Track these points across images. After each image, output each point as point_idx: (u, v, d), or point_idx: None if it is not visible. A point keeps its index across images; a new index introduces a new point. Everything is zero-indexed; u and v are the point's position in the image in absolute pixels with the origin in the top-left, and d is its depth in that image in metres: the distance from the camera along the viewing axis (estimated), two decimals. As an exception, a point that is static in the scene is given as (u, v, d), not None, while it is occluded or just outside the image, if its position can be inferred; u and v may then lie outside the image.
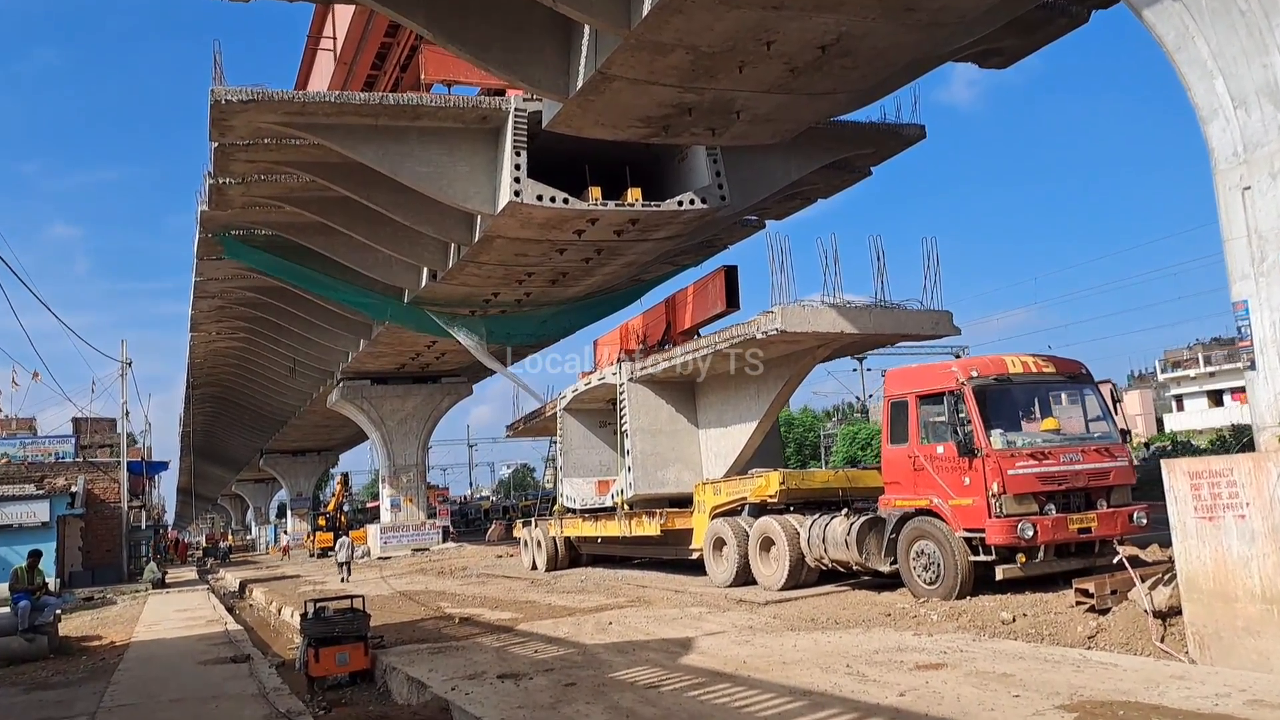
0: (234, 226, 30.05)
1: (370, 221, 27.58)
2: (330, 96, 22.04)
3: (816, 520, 15.16)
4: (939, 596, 12.68)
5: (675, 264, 35.90)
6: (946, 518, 12.81)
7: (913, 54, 18.08)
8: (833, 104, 19.94)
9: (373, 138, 22.83)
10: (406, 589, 24.15)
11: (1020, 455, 12.45)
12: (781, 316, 15.51)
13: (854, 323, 15.84)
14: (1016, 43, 22.30)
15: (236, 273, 34.40)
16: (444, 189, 23.43)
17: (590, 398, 23.20)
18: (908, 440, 13.60)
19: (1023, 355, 13.38)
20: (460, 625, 15.50)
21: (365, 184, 25.21)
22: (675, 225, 25.09)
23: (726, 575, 16.88)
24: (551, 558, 24.30)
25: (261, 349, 45.44)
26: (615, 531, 20.78)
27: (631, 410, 20.28)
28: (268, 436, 72.64)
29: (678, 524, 18.67)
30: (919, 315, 16.55)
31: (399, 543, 45.01)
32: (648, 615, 14.27)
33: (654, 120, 19.35)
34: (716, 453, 19.91)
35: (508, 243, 25.52)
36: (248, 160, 24.63)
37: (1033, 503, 12.31)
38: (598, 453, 23.76)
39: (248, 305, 38.91)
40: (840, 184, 29.98)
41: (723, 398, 19.81)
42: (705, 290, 21.46)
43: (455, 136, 23.52)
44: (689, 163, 24.94)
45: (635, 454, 20.08)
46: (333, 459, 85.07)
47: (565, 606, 16.43)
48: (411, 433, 47.31)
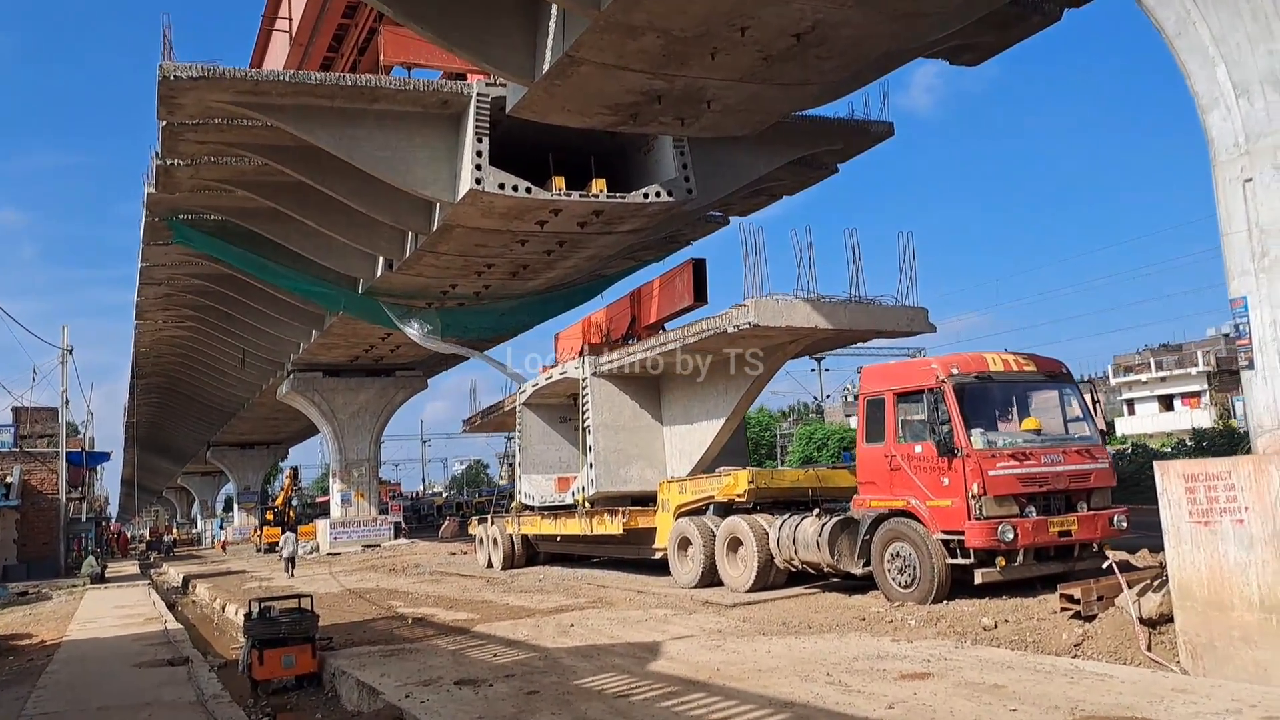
0: (182, 210, 29.00)
1: (325, 208, 26.72)
2: (285, 75, 21.19)
3: (786, 520, 14.69)
4: (914, 600, 12.25)
5: (637, 259, 35.34)
6: (924, 519, 12.39)
7: (887, 45, 17.69)
8: (804, 96, 19.51)
9: (328, 120, 22.02)
10: (357, 587, 23.38)
11: (1001, 456, 12.05)
12: (755, 309, 14.99)
13: (828, 318, 15.39)
14: (989, 39, 22.01)
15: (184, 259, 33.29)
16: (402, 175, 22.67)
17: (551, 393, 22.58)
18: (884, 439, 13.17)
19: (1003, 353, 13.00)
20: (414, 626, 14.85)
21: (320, 169, 24.36)
22: (640, 218, 24.53)
23: (692, 576, 16.38)
24: (508, 556, 23.64)
25: (210, 338, 44.19)
26: (575, 530, 20.18)
27: (594, 405, 19.68)
28: (215, 429, 71.04)
29: (641, 523, 18.13)
30: (894, 311, 16.14)
31: (349, 539, 44.02)
32: (611, 617, 13.72)
33: (622, 108, 18.79)
34: (681, 450, 19.38)
35: (467, 232, 24.81)
36: (197, 141, 23.68)
37: (1013, 505, 11.91)
38: (558, 449, 23.14)
39: (196, 293, 37.73)
40: (806, 180, 29.62)
41: (689, 394, 19.26)
42: (672, 284, 20.93)
43: (415, 121, 22.77)
44: (655, 155, 24.41)
45: (597, 450, 19.47)
46: (282, 452, 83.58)
47: (524, 607, 15.83)
48: (364, 426, 46.28)
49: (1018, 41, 22.33)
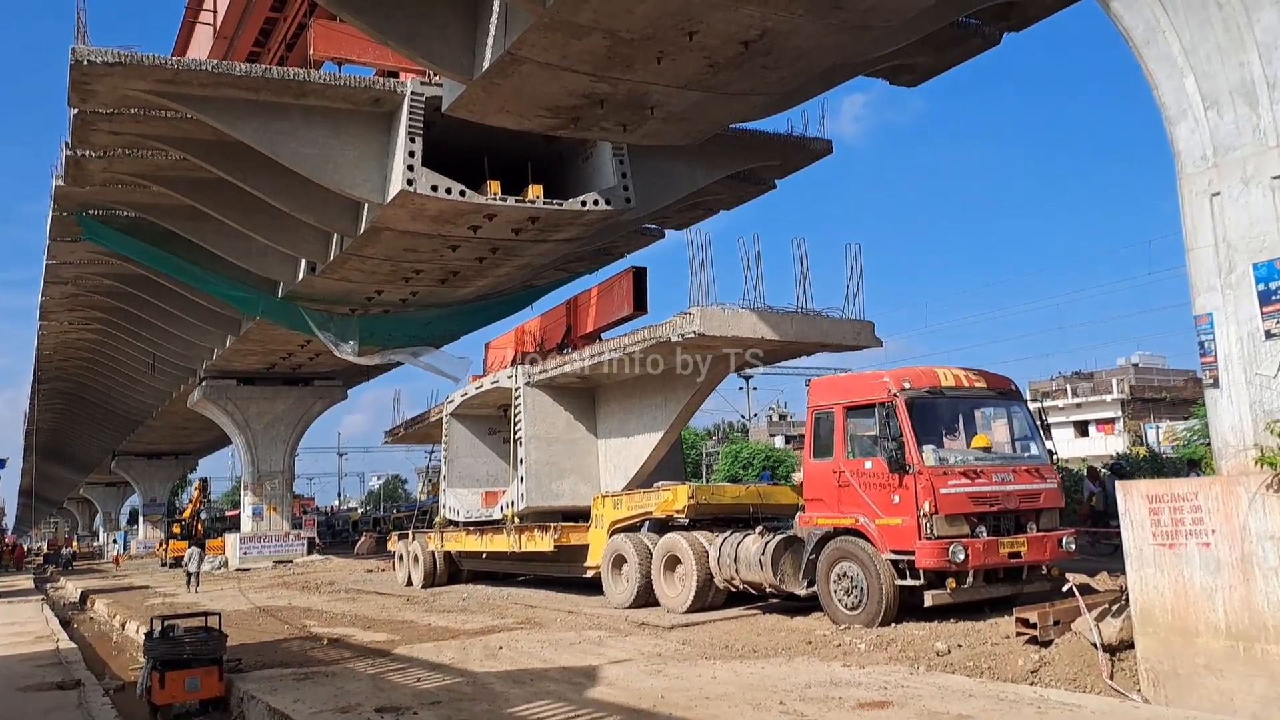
0: (93, 206, 27.58)
1: (246, 207, 25.60)
2: (208, 65, 20.19)
3: (728, 539, 14.15)
4: (862, 622, 11.82)
5: (569, 270, 34.76)
6: (873, 538, 11.98)
7: (834, 58, 17.48)
8: (748, 107, 19.21)
9: (253, 114, 21.04)
10: (268, 604, 22.25)
11: (953, 473, 11.73)
12: (700, 318, 14.47)
13: (775, 329, 14.95)
14: (929, 60, 22.02)
15: (94, 257, 31.71)
16: (329, 174, 21.76)
17: (480, 403, 21.77)
18: (833, 454, 12.76)
19: (953, 368, 12.70)
20: (329, 647, 13.95)
21: (242, 165, 23.31)
22: (577, 226, 23.96)
23: (626, 596, 15.74)
24: (429, 573, 22.70)
25: (119, 342, 42.29)
26: (503, 546, 19.38)
27: (527, 416, 18.94)
28: (121, 437, 68.30)
29: (573, 539, 17.44)
30: (841, 324, 15.77)
31: (260, 554, 42.40)
32: (542, 639, 13.02)
33: (563, 110, 18.25)
34: (617, 464, 18.75)
35: (396, 236, 23.95)
36: (111, 132, 22.45)
37: (964, 524, 11.57)
38: (485, 462, 22.33)
39: (105, 294, 36.01)
40: (744, 195, 29.39)
41: (626, 406, 18.65)
42: (611, 292, 20.35)
43: (344, 118, 21.90)
44: (593, 162, 23.89)
45: (529, 463, 18.71)
46: (191, 463, 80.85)
47: (448, 628, 15.03)
48: (279, 437, 44.71)
49: (956, 64, 22.36)
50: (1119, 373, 71.27)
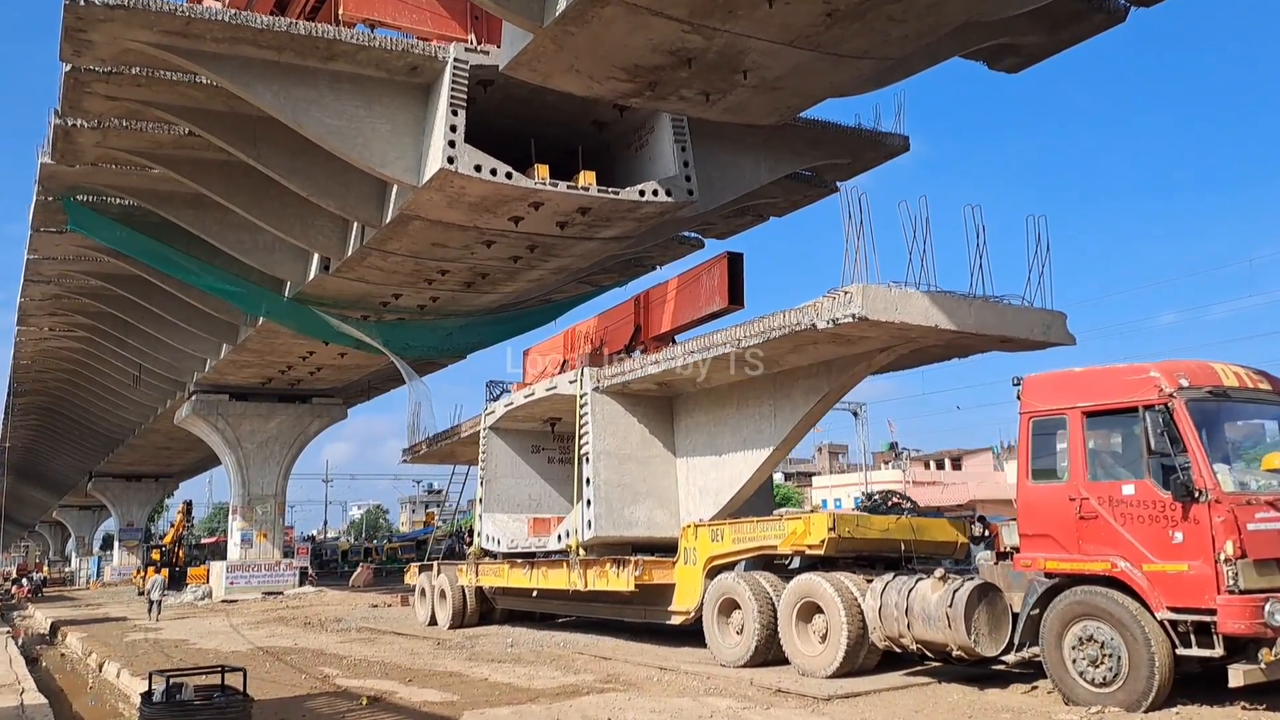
0: (82, 190, 24.75)
1: (255, 193, 22.88)
2: (224, 15, 17.43)
3: (890, 584, 11.17)
4: (1118, 704, 8.81)
5: (594, 284, 32.16)
6: (1140, 589, 8.99)
7: (969, 11, 14.95)
8: (852, 75, 16.64)
9: (274, 77, 18.36)
10: (270, 645, 19.23)
11: (1258, 503, 8.84)
12: (862, 298, 11.50)
13: (951, 316, 11.98)
14: (1040, 39, 19.60)
15: (80, 252, 28.82)
16: (358, 148, 19.05)
17: (526, 415, 18.85)
18: (1065, 476, 9.86)
19: (1230, 364, 9.82)
20: (370, 709, 11.00)
21: (255, 142, 20.64)
22: (629, 221, 21.28)
23: (740, 651, 12.66)
24: (458, 611, 19.62)
25: (103, 351, 39.20)
26: (560, 584, 16.32)
27: (596, 428, 15.96)
28: (100, 457, 64.90)
29: (657, 577, 14.46)
30: (1028, 314, 12.79)
31: (248, 583, 39.13)
32: (652, 709, 10.08)
33: (643, 72, 15.61)
34: (703, 488, 15.77)
35: (427, 227, 21.21)
36: (108, 96, 19.70)
37: (1276, 573, 8.70)
38: (527, 484, 19.37)
39: (90, 295, 33.03)
40: (799, 200, 26.88)
41: (717, 417, 15.63)
42: (697, 283, 17.47)
43: (377, 87, 19.25)
44: (649, 151, 21.26)
45: (598, 484, 15.68)
46: (171, 486, 77.41)
47: (514, 685, 12.05)
48: (272, 458, 41.52)
49: (1069, 45, 19.91)
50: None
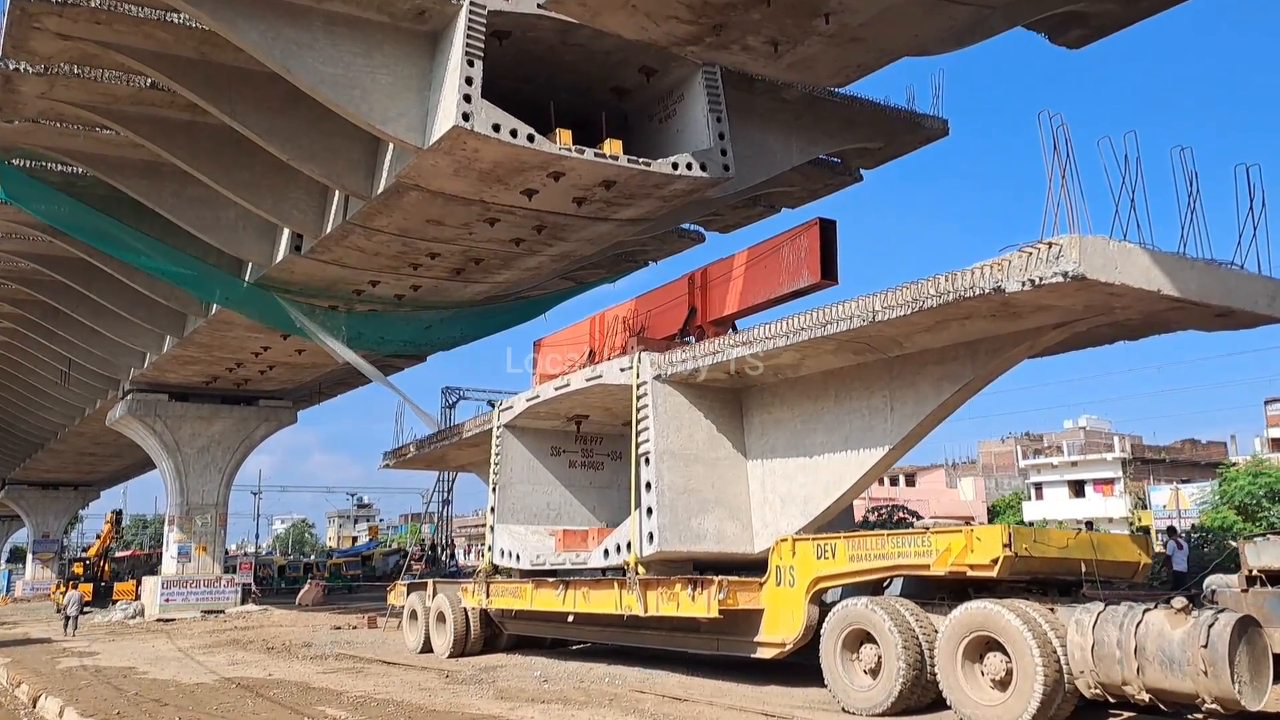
0: (20, 151, 21.76)
1: (223, 159, 20.19)
2: (207, -64, 14.90)
3: (1103, 615, 8.97)
4: None
5: (576, 280, 29.89)
6: None
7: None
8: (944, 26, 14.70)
9: (260, 14, 15.81)
10: (239, 675, 16.47)
11: None
12: (1079, 251, 8.99)
13: (1174, 279, 9.61)
14: (1114, 8, 17.82)
15: (11, 228, 25.62)
16: (355, 102, 16.54)
17: (550, 412, 16.36)
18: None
19: None
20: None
21: (230, 96, 18.08)
22: (654, 200, 19.06)
23: (878, 696, 10.27)
24: (460, 637, 17.02)
25: (29, 344, 35.61)
26: (607, 607, 13.66)
27: (658, 425, 13.41)
28: (15, 463, 60.53)
29: (743, 601, 12.07)
30: (1254, 282, 10.69)
31: (185, 600, 35.79)
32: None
33: (710, 10, 13.41)
34: (785, 496, 13.31)
35: (425, 199, 18.76)
36: (60, 34, 16.89)
37: None
38: (546, 491, 16.89)
39: (20, 281, 29.69)
40: (818, 189, 24.89)
41: (805, 413, 13.17)
42: (775, 256, 15.10)
43: (378, 33, 16.79)
44: (678, 121, 19.08)
45: (661, 490, 13.14)
46: (92, 495, 73.11)
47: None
48: (214, 464, 38.18)
49: (1145, 16, 18.25)
50: (1068, 435, 69.86)
